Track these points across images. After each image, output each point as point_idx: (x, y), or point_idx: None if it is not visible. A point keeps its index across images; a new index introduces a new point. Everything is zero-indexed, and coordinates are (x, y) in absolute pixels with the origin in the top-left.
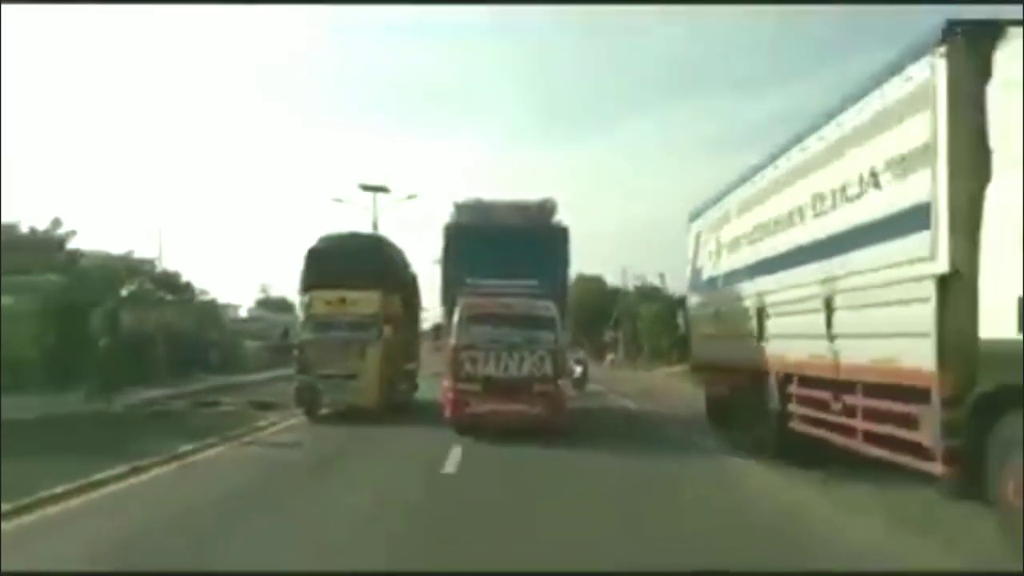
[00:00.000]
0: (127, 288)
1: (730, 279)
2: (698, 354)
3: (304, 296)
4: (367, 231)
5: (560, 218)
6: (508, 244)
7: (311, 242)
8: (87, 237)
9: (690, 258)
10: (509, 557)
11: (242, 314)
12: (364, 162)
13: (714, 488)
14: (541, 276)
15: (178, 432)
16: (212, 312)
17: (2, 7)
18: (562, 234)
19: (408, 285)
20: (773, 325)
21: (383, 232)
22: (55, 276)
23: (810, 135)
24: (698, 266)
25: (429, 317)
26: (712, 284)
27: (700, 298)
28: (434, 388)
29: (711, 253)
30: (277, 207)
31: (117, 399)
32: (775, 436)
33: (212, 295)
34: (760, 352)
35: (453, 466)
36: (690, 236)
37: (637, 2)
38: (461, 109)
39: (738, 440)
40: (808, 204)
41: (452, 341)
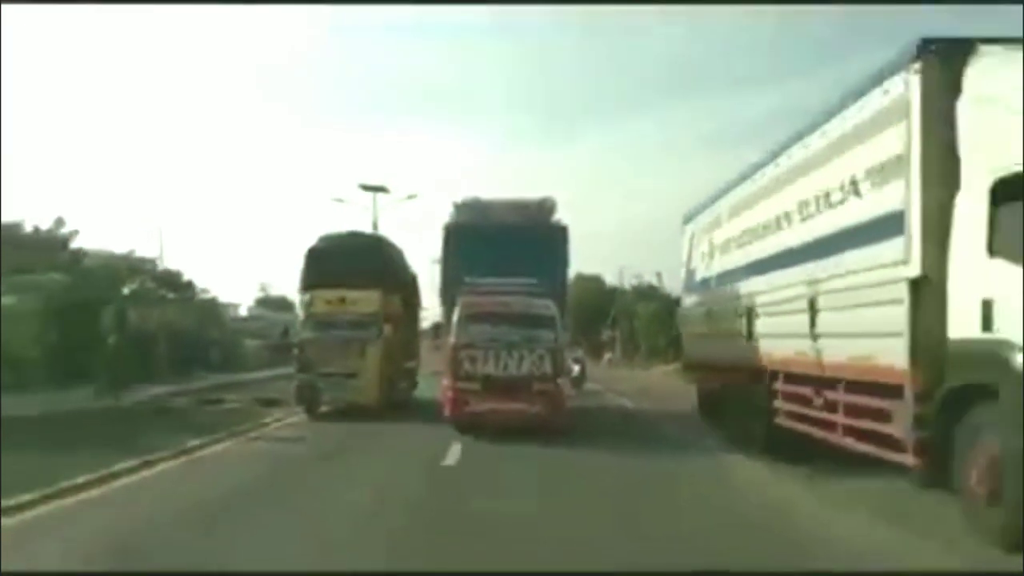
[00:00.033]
0: (129, 287)
1: (722, 280)
2: (690, 352)
3: (304, 295)
4: (367, 231)
5: (559, 217)
6: (507, 243)
7: (311, 241)
8: (90, 236)
9: (684, 260)
10: (508, 557)
11: (242, 313)
12: (364, 162)
13: (707, 486)
14: (540, 275)
15: (186, 428)
16: (213, 311)
17: (2, 7)
18: (561, 233)
19: (408, 284)
20: (762, 324)
21: (383, 232)
22: (58, 275)
23: (795, 143)
24: (692, 267)
25: (429, 316)
26: (705, 285)
27: (694, 299)
28: (434, 386)
29: (704, 255)
30: (277, 207)
31: (125, 396)
32: (763, 431)
33: (213, 294)
34: (749, 350)
35: (453, 462)
36: (684, 238)
37: (637, 2)
38: (461, 109)
39: (728, 435)
40: (795, 209)
41: (451, 340)
